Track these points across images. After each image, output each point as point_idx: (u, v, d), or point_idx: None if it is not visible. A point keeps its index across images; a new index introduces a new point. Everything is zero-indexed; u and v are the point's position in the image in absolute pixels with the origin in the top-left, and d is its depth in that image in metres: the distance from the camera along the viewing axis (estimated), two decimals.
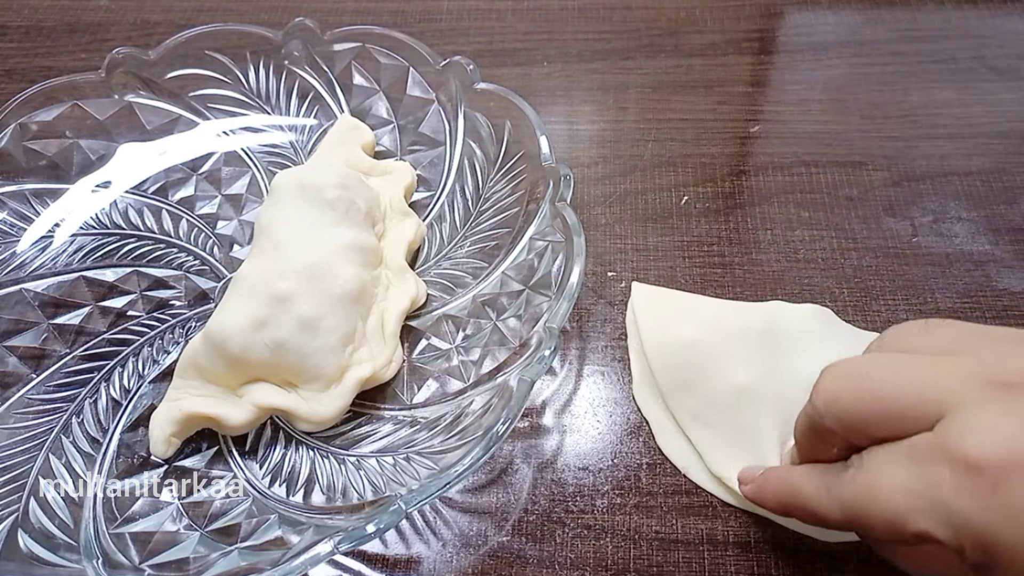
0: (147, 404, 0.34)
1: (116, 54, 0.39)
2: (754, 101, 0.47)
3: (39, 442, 0.32)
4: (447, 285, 0.37)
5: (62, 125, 0.39)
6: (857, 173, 0.43)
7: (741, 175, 0.43)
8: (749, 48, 0.50)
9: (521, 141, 0.37)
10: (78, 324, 0.36)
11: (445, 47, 0.42)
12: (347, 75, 0.42)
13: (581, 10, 0.53)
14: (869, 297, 0.38)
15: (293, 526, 0.30)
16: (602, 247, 0.40)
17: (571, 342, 0.37)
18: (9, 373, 0.34)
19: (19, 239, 0.38)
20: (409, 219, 0.39)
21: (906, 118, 0.45)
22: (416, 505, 0.26)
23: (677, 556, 0.31)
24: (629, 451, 0.34)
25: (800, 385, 0.31)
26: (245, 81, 0.42)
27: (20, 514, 0.30)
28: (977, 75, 0.48)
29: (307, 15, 0.41)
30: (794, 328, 0.34)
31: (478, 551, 0.31)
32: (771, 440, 0.32)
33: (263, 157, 0.42)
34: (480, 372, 0.34)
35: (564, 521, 0.32)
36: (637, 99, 0.47)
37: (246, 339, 0.32)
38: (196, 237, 0.40)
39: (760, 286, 0.38)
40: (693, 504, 0.32)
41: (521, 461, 0.33)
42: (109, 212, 0.40)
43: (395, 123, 0.42)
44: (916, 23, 0.51)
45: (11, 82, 0.49)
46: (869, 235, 0.40)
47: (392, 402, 0.34)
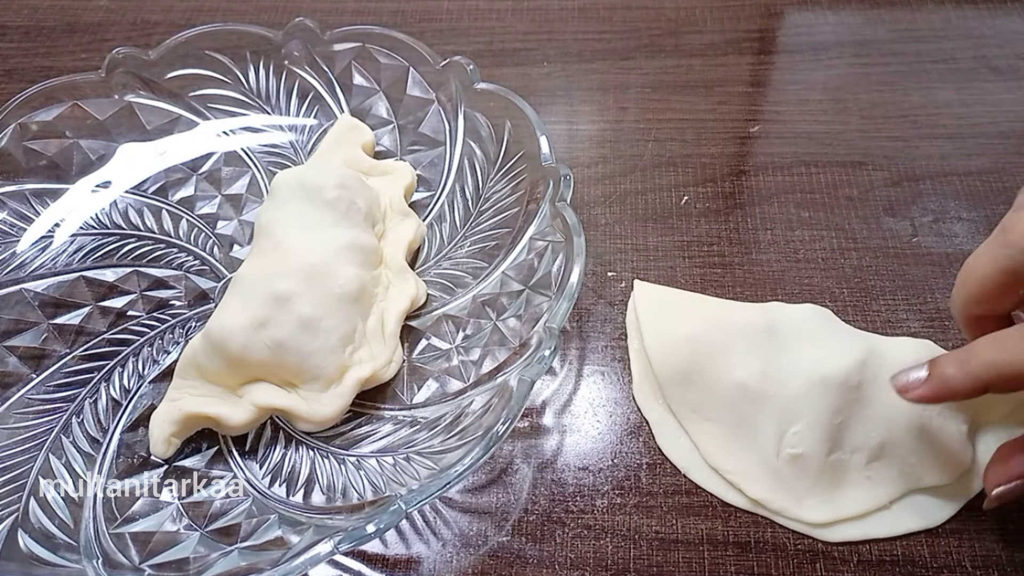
0: (147, 404, 0.34)
1: (116, 54, 0.39)
2: (754, 101, 0.47)
3: (39, 442, 0.32)
4: (447, 285, 0.37)
5: (62, 125, 0.39)
6: (857, 173, 0.43)
7: (741, 175, 0.43)
8: (749, 48, 0.50)
9: (521, 141, 0.37)
10: (78, 324, 0.36)
11: (445, 47, 0.42)
12: (347, 75, 0.42)
13: (581, 10, 0.53)
14: (869, 297, 0.38)
15: (293, 526, 0.30)
16: (602, 247, 0.40)
17: (571, 342, 0.37)
18: (9, 373, 0.34)
19: (19, 239, 0.38)
20: (409, 219, 0.39)
21: (906, 118, 0.45)
22: (416, 505, 0.26)
23: (677, 556, 0.31)
24: (629, 451, 0.34)
25: (798, 382, 0.32)
26: (245, 81, 0.42)
27: (20, 514, 0.30)
28: (977, 75, 0.48)
29: (307, 15, 0.41)
30: (793, 327, 0.34)
31: (478, 551, 0.31)
32: (769, 435, 0.32)
33: (263, 157, 0.42)
34: (480, 372, 0.34)
35: (564, 521, 0.32)
36: (637, 99, 0.47)
37: (246, 339, 0.32)
38: (196, 237, 0.40)
39: (760, 286, 0.38)
40: (693, 504, 0.32)
41: (521, 461, 0.33)
42: (109, 212, 0.40)
43: (395, 123, 0.42)
44: (916, 23, 0.51)
45: (11, 82, 0.49)
46: (869, 235, 0.40)
47: (392, 402, 0.34)
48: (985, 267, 0.27)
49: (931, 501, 0.31)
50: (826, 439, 0.31)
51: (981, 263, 0.27)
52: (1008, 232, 0.26)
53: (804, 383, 0.32)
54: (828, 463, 0.31)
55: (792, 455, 0.31)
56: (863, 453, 0.31)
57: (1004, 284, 0.27)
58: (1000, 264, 0.26)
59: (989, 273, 0.27)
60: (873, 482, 0.31)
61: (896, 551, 0.30)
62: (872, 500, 0.31)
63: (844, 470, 0.31)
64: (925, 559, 0.30)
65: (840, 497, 0.31)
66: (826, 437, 0.31)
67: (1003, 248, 0.26)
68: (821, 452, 0.31)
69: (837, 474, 0.31)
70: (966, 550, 0.30)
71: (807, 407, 0.31)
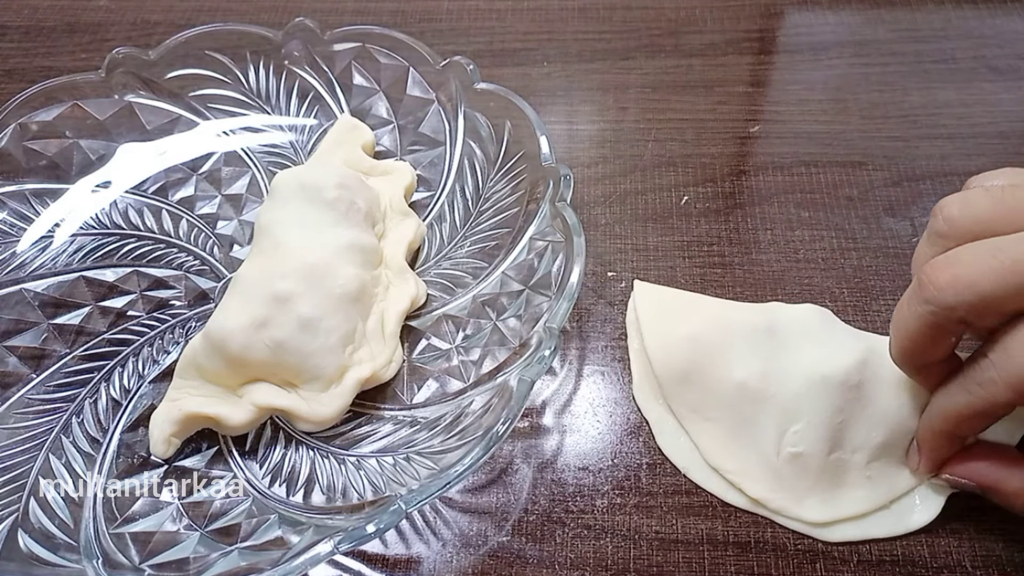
0: (147, 404, 0.34)
1: (116, 54, 0.39)
2: (754, 101, 0.47)
3: (39, 442, 0.32)
4: (447, 285, 0.37)
5: (62, 125, 0.39)
6: (857, 173, 0.43)
7: (741, 175, 0.43)
8: (749, 48, 0.50)
9: (521, 141, 0.37)
10: (78, 324, 0.36)
11: (445, 47, 0.42)
12: (347, 75, 0.42)
13: (581, 10, 0.53)
14: (869, 297, 0.38)
15: (293, 526, 0.30)
16: (602, 247, 0.40)
17: (571, 342, 0.37)
18: (9, 373, 0.34)
19: (19, 239, 0.38)
20: (409, 219, 0.39)
21: (906, 118, 0.45)
22: (416, 505, 0.26)
23: (677, 556, 0.31)
24: (629, 451, 0.34)
25: (799, 381, 0.32)
26: (245, 81, 0.42)
27: (20, 514, 0.30)
28: (977, 75, 0.47)
29: (307, 15, 0.41)
30: (793, 326, 0.34)
31: (478, 551, 0.31)
32: (769, 434, 0.32)
33: (263, 157, 0.42)
34: (480, 372, 0.34)
35: (564, 521, 0.32)
36: (637, 99, 0.47)
37: (246, 339, 0.32)
38: (196, 237, 0.40)
39: (760, 286, 0.38)
40: (693, 504, 0.32)
41: (521, 461, 0.33)
42: (109, 212, 0.40)
43: (395, 123, 0.42)
44: (916, 23, 0.51)
45: (11, 82, 0.49)
46: (869, 235, 0.40)
47: (392, 402, 0.34)
48: (911, 323, 0.27)
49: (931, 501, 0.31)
50: (827, 438, 0.31)
51: (910, 322, 0.27)
52: (924, 288, 0.26)
53: (804, 382, 0.32)
54: (829, 462, 0.31)
55: (792, 454, 0.31)
56: (864, 452, 0.31)
57: (933, 337, 0.27)
58: (924, 320, 0.26)
59: (916, 328, 0.27)
60: (873, 482, 0.31)
61: (896, 551, 0.30)
62: (872, 500, 0.31)
63: (845, 469, 0.31)
64: (925, 559, 0.30)
65: (840, 496, 0.31)
66: (826, 436, 0.31)
67: (923, 305, 0.26)
68: (822, 451, 0.31)
69: (838, 473, 0.31)
70: (966, 550, 0.30)
71: (807, 406, 0.31)
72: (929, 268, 0.26)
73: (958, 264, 0.25)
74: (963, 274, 0.25)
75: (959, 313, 0.25)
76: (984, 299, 0.24)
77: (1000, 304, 0.24)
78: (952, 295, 0.25)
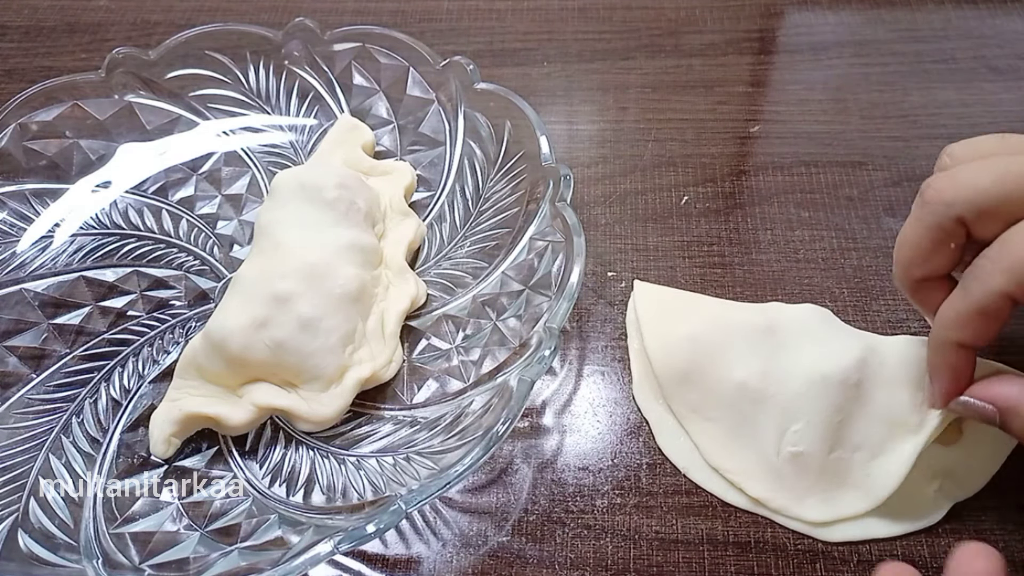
0: (147, 404, 0.34)
1: (116, 54, 0.39)
2: (754, 101, 0.47)
3: (39, 442, 0.32)
4: (447, 285, 0.37)
5: (62, 125, 0.39)
6: (857, 173, 0.43)
7: (741, 175, 0.43)
8: (749, 48, 0.50)
9: (521, 141, 0.37)
10: (78, 324, 0.36)
11: (445, 47, 0.42)
12: (347, 75, 0.42)
13: (581, 10, 0.53)
14: (869, 297, 0.38)
15: (293, 526, 0.30)
16: (602, 247, 0.40)
17: (571, 342, 0.37)
18: (9, 373, 0.34)
19: (19, 239, 0.38)
20: (409, 219, 0.39)
21: (906, 118, 0.45)
22: (416, 505, 0.26)
23: (677, 556, 0.31)
24: (629, 451, 0.34)
25: (799, 381, 0.32)
26: (245, 81, 0.42)
27: (20, 514, 0.30)
28: (977, 75, 0.47)
29: (307, 15, 0.41)
30: (793, 326, 0.34)
31: (478, 551, 0.31)
32: (770, 434, 0.32)
33: (263, 157, 0.42)
34: (480, 372, 0.34)
35: (564, 521, 0.32)
36: (637, 99, 0.47)
37: (246, 339, 0.32)
38: (196, 237, 0.40)
39: (760, 286, 0.38)
40: (693, 504, 0.32)
41: (521, 461, 0.33)
42: (109, 212, 0.40)
43: (395, 123, 0.42)
44: (916, 23, 0.51)
45: (11, 82, 0.49)
46: (869, 235, 0.40)
47: (392, 402, 0.34)
48: (914, 231, 0.28)
49: (931, 501, 0.31)
50: (827, 437, 0.31)
51: (910, 229, 0.28)
52: (925, 192, 0.27)
53: (804, 382, 0.32)
54: (829, 461, 0.31)
55: (793, 453, 0.31)
56: (864, 451, 0.31)
57: (936, 241, 0.27)
58: (926, 223, 0.27)
59: (919, 234, 0.28)
60: (874, 481, 0.31)
61: (896, 551, 0.30)
62: (872, 499, 0.31)
63: (845, 469, 0.31)
64: (925, 559, 0.30)
65: (840, 496, 0.31)
66: (827, 435, 0.31)
67: (925, 208, 0.27)
68: (822, 450, 0.31)
69: (838, 473, 0.31)
70: None
71: (807, 406, 0.31)
72: (930, 179, 0.27)
73: (958, 171, 0.27)
74: (962, 175, 0.26)
75: (957, 209, 0.26)
76: (982, 195, 0.25)
77: (998, 206, 0.25)
78: (951, 191, 0.26)
